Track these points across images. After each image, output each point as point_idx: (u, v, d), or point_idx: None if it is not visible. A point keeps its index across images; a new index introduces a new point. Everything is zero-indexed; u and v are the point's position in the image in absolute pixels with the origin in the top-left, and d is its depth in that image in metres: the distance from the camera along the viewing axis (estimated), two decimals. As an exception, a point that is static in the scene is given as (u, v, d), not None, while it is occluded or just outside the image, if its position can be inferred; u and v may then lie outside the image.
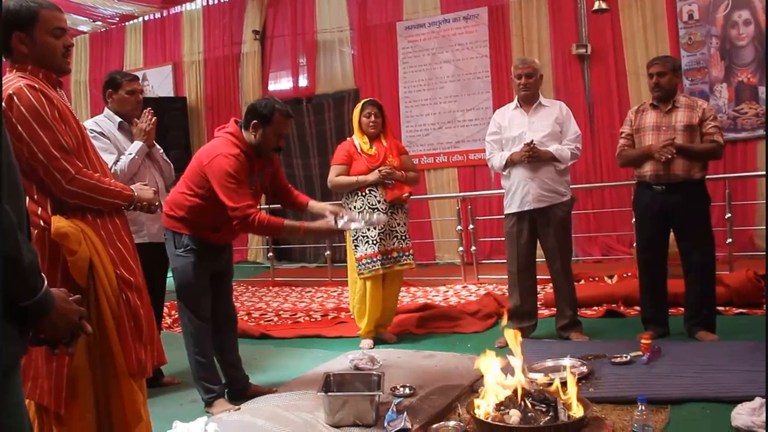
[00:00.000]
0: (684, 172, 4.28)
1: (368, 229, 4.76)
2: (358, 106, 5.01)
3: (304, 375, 4.24)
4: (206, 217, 3.59)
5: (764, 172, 6.85)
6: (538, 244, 4.71)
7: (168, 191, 4.14)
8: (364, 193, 4.85)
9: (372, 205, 4.83)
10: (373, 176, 4.81)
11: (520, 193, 4.55)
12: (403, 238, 4.94)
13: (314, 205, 3.96)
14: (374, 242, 4.81)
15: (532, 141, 4.44)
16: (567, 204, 4.62)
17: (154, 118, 4.23)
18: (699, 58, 7.57)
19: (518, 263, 4.64)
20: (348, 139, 5.07)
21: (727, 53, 7.43)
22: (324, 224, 3.60)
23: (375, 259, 4.82)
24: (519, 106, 4.68)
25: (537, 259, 4.74)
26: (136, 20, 11.31)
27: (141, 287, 2.77)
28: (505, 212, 4.70)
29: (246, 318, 6.35)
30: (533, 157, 4.44)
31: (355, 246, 4.88)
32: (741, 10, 7.36)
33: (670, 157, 4.21)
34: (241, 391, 3.91)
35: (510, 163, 4.57)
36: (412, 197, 5.17)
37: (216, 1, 10.66)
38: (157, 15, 11.16)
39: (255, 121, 3.56)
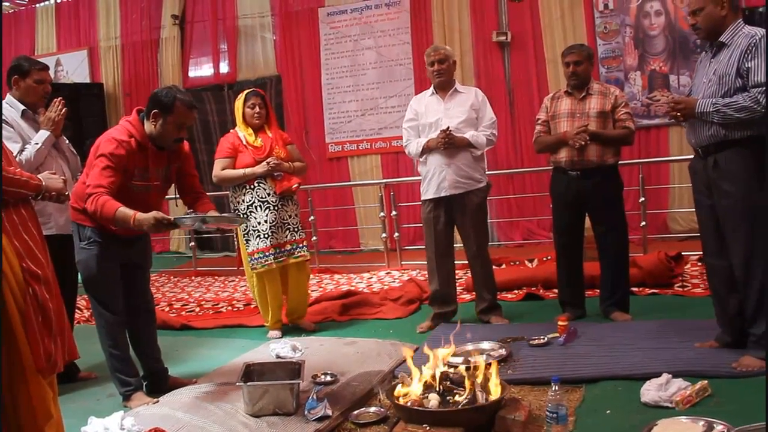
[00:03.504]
0: (597, 157, 4.38)
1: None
2: (241, 97, 4.86)
3: (225, 365, 4.18)
4: None
5: (677, 158, 7.15)
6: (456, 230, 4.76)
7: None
8: (252, 186, 4.75)
9: (261, 198, 4.73)
10: (261, 168, 4.70)
11: (436, 179, 4.58)
12: (296, 230, 4.86)
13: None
14: (266, 236, 4.73)
15: (448, 127, 4.47)
16: (483, 190, 4.68)
17: (64, 109, 4.06)
18: (614, 46, 7.77)
19: (436, 249, 4.69)
20: (231, 131, 4.91)
21: (641, 42, 7.66)
22: (155, 215, 3.28)
23: (267, 254, 4.74)
24: (435, 92, 4.71)
25: (456, 245, 4.80)
26: (47, 2, 10.90)
27: (50, 280, 2.66)
28: (422, 198, 4.73)
29: (167, 309, 6.23)
30: (449, 144, 4.47)
31: (247, 240, 4.80)
32: (652, 1, 7.59)
33: (583, 143, 4.31)
34: (160, 384, 3.83)
35: (426, 150, 4.60)
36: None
37: (132, -16, 10.35)
38: (70, -3, 10.79)
39: (155, 110, 3.44)
